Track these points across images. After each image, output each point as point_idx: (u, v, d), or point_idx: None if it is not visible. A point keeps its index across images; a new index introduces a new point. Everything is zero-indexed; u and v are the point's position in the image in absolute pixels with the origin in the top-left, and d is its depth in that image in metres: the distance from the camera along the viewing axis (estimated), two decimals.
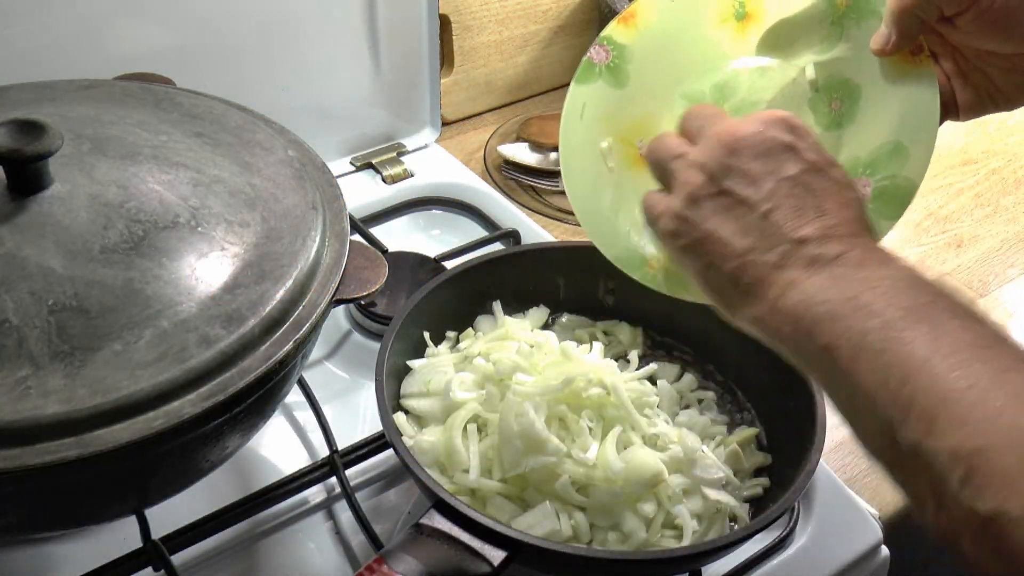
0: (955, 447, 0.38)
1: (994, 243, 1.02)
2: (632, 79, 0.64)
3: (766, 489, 0.67)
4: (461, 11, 1.08)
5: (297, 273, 0.56)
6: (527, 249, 0.79)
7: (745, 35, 0.63)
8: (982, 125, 1.22)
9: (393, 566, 0.52)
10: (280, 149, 0.65)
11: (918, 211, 1.05)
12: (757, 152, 0.50)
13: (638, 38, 0.64)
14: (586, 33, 1.21)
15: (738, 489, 0.66)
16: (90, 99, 0.65)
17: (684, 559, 0.58)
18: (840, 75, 0.60)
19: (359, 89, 0.98)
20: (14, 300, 0.49)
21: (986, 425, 0.38)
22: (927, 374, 0.41)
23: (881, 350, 0.42)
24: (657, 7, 0.63)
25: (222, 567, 0.65)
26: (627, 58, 0.64)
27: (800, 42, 0.62)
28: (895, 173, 0.58)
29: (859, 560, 0.68)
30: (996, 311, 0.93)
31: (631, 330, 0.78)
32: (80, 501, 0.53)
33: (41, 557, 0.64)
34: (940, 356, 0.41)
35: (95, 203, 0.54)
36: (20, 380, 0.47)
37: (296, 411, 0.75)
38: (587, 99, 0.64)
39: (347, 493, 0.67)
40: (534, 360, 0.68)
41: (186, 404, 0.49)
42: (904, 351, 0.42)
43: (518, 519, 0.60)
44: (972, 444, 0.38)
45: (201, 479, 0.58)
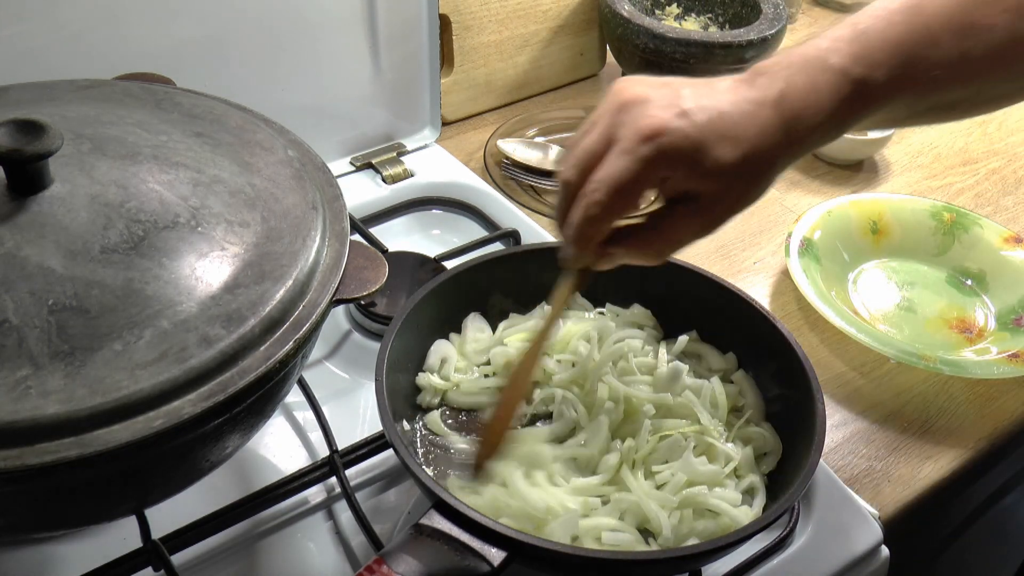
0: None
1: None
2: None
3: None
4: (461, 11, 1.08)
5: (297, 273, 0.56)
6: (527, 249, 0.78)
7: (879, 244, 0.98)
8: (982, 125, 1.22)
9: (393, 566, 0.52)
10: (280, 149, 0.65)
11: None
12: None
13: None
14: (586, 33, 1.21)
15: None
16: (90, 99, 0.65)
17: (684, 559, 0.58)
18: (962, 264, 0.96)
19: (359, 89, 0.98)
20: (14, 300, 0.49)
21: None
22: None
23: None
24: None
25: (222, 567, 0.65)
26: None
27: (920, 248, 0.97)
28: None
29: (859, 560, 0.68)
30: None
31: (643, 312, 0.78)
32: (80, 501, 0.53)
33: (41, 557, 0.64)
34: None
35: (95, 203, 0.54)
36: (20, 380, 0.47)
37: (296, 411, 0.75)
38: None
39: (347, 493, 0.67)
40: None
41: (186, 404, 0.49)
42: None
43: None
44: None
45: (201, 479, 0.58)
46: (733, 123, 0.55)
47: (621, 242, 0.60)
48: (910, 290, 0.94)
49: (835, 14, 1.46)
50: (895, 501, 0.74)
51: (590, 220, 0.57)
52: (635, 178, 0.55)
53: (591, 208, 0.57)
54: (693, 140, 0.55)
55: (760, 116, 0.56)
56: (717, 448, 0.66)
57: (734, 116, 0.55)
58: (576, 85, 1.24)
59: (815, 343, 0.88)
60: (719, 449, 0.66)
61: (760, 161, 0.56)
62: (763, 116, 0.56)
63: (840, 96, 0.56)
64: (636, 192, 0.57)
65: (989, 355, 0.86)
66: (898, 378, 0.85)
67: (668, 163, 0.55)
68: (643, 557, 0.59)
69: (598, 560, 0.56)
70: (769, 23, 1.12)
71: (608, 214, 0.57)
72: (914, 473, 0.76)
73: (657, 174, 0.56)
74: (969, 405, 0.83)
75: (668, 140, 0.55)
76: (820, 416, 0.64)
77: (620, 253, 0.60)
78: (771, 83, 0.56)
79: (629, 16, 1.11)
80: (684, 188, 0.57)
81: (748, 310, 0.73)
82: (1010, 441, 0.81)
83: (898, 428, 0.80)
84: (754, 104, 0.56)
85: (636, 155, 0.55)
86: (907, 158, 1.15)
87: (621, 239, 0.60)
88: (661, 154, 0.55)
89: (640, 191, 0.57)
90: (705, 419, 0.68)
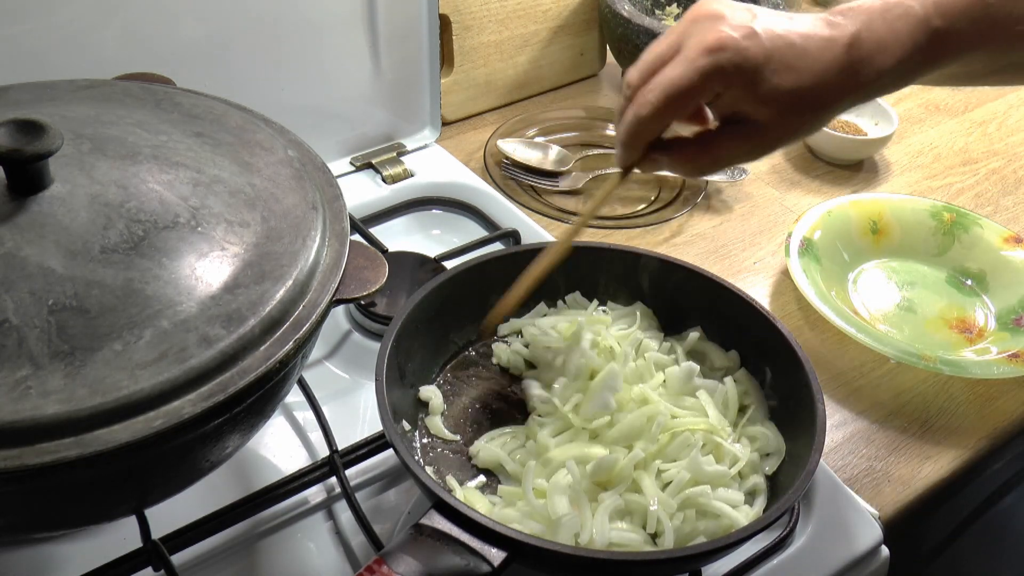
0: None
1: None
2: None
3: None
4: (461, 11, 1.08)
5: (297, 273, 0.56)
6: (527, 249, 0.78)
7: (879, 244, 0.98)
8: (982, 125, 1.22)
9: (393, 566, 0.52)
10: (280, 149, 0.65)
11: None
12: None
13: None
14: (586, 33, 1.21)
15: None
16: (90, 99, 0.65)
17: (684, 559, 0.58)
18: (962, 264, 0.95)
19: (359, 89, 0.98)
20: (14, 300, 0.49)
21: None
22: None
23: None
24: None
25: (222, 567, 0.65)
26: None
27: (920, 248, 0.97)
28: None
29: (859, 560, 0.68)
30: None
31: (645, 311, 0.78)
32: (80, 501, 0.53)
33: (41, 557, 0.64)
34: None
35: (95, 203, 0.54)
36: (20, 380, 0.47)
37: (296, 411, 0.75)
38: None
39: (347, 493, 0.67)
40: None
41: (186, 404, 0.49)
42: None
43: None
44: None
45: (201, 479, 0.58)
46: (799, 54, 0.56)
47: (667, 150, 0.62)
48: (910, 290, 0.94)
49: None
50: (895, 501, 0.74)
51: (639, 119, 0.59)
52: (689, 86, 0.57)
53: (642, 107, 0.59)
54: (754, 62, 0.56)
55: (829, 53, 0.56)
56: (724, 448, 0.66)
57: (803, 48, 0.56)
58: (576, 85, 1.24)
59: (815, 343, 0.88)
60: (726, 449, 0.66)
61: (819, 97, 0.57)
62: (832, 54, 0.56)
63: (916, 43, 0.56)
64: (687, 100, 0.58)
65: (989, 355, 0.86)
66: (898, 378, 0.85)
67: (724, 79, 0.57)
68: (643, 557, 0.59)
69: (598, 560, 0.56)
70: None
71: (656, 116, 0.59)
72: (914, 473, 0.76)
73: (712, 87, 0.57)
74: (969, 405, 0.83)
75: (728, 57, 0.56)
76: (820, 416, 0.64)
77: (664, 161, 0.63)
78: (847, 23, 0.57)
79: (629, 16, 1.11)
80: (737, 109, 0.59)
81: (748, 310, 0.73)
82: (1010, 441, 0.81)
83: (898, 428, 0.80)
84: (826, 41, 0.57)
85: (694, 65, 0.57)
86: (907, 158, 1.15)
87: (667, 147, 0.62)
88: (719, 69, 0.56)
89: (691, 100, 0.58)
90: (715, 418, 0.68)
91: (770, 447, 0.68)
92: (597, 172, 1.05)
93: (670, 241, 0.99)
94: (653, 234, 0.99)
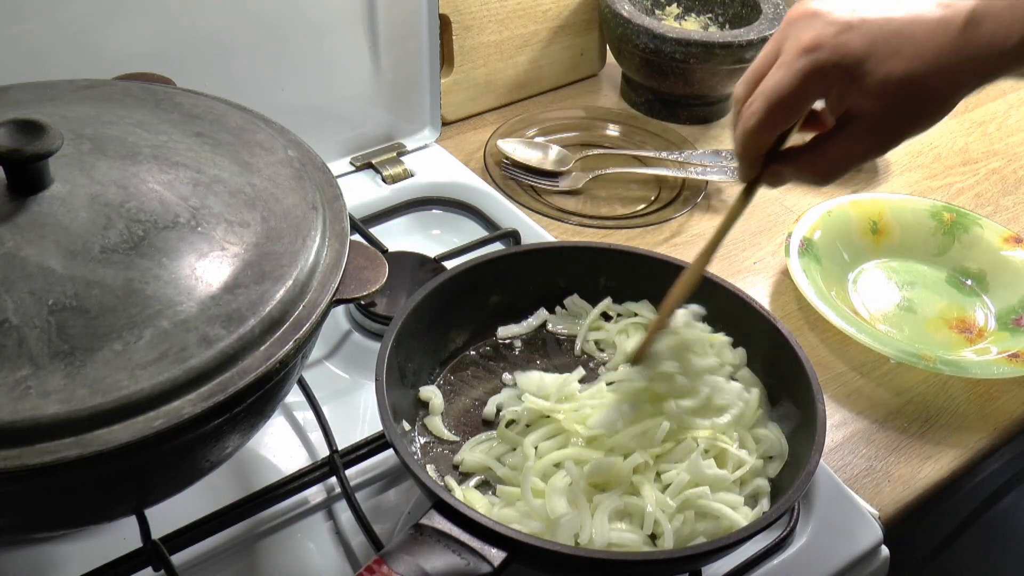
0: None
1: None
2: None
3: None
4: (461, 11, 1.08)
5: (297, 273, 0.56)
6: (527, 249, 0.78)
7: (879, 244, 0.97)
8: (982, 125, 1.22)
9: (393, 566, 0.52)
10: (280, 149, 0.65)
11: None
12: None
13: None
14: (586, 33, 1.21)
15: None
16: (90, 99, 0.65)
17: (684, 559, 0.58)
18: (962, 264, 0.96)
19: (359, 89, 0.98)
20: (14, 300, 0.49)
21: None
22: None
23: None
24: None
25: (222, 567, 0.65)
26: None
27: (920, 248, 0.97)
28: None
29: (859, 560, 0.68)
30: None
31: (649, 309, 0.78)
32: (80, 501, 0.53)
33: (41, 557, 0.64)
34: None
35: (95, 203, 0.54)
36: (20, 380, 0.47)
37: (296, 411, 0.75)
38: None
39: (347, 493, 0.66)
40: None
41: (186, 404, 0.49)
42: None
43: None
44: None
45: (201, 479, 0.58)
46: (908, 39, 0.53)
47: (786, 161, 0.60)
48: (910, 290, 0.94)
49: None
50: (895, 501, 0.74)
51: (748, 132, 0.58)
52: (791, 91, 0.55)
53: (749, 119, 0.57)
54: (855, 55, 0.54)
55: (942, 34, 0.53)
56: (729, 452, 0.66)
57: (910, 33, 0.53)
58: (576, 85, 1.24)
59: (815, 343, 0.88)
60: (731, 453, 0.66)
61: (934, 82, 0.54)
62: (946, 34, 0.53)
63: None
64: (793, 105, 0.56)
65: (989, 355, 0.86)
66: (898, 378, 0.85)
67: (824, 78, 0.55)
68: (643, 557, 0.59)
69: (598, 560, 0.56)
70: (769, 23, 1.12)
71: (763, 126, 0.57)
72: (914, 473, 0.76)
73: (814, 89, 0.55)
74: (969, 405, 0.83)
75: (825, 54, 0.54)
76: (820, 416, 0.64)
77: (787, 172, 0.61)
78: (962, 3, 0.53)
79: (629, 16, 1.11)
80: (848, 106, 0.56)
81: (748, 310, 0.73)
82: (1010, 441, 0.81)
83: (898, 428, 0.80)
84: (937, 23, 0.53)
85: (792, 68, 0.55)
86: (907, 158, 1.15)
87: (786, 158, 0.60)
88: (817, 68, 0.54)
89: (797, 105, 0.56)
90: (727, 422, 0.67)
91: (773, 450, 0.68)
92: (597, 172, 1.05)
93: (670, 241, 0.99)
94: (653, 234, 0.99)
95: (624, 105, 1.21)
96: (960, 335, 0.89)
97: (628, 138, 1.13)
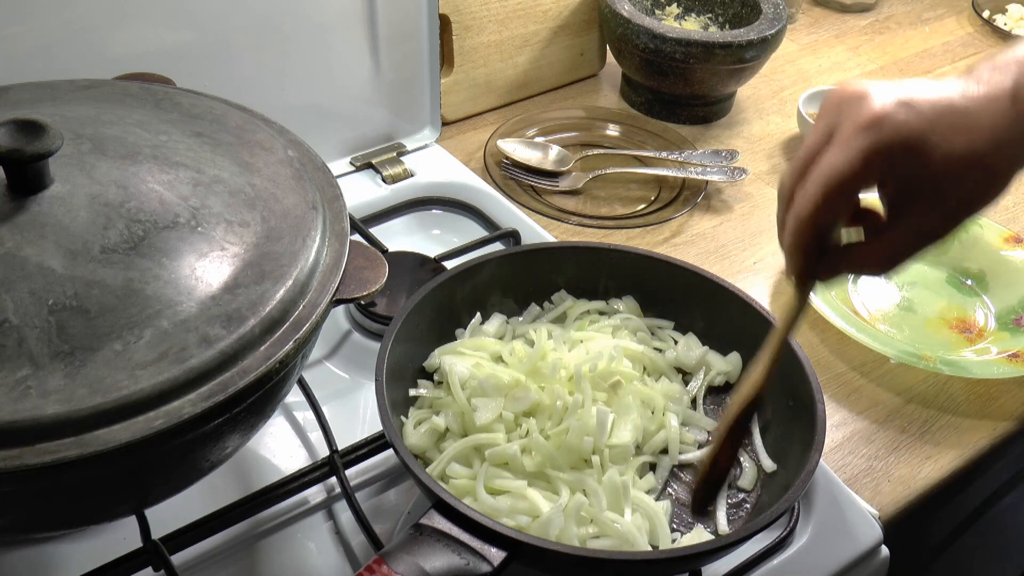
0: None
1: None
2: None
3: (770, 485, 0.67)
4: (461, 11, 1.08)
5: (297, 273, 0.56)
6: (527, 249, 0.78)
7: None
8: None
9: (393, 566, 0.52)
10: (280, 149, 0.65)
11: None
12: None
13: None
14: (586, 33, 1.21)
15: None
16: (90, 99, 0.65)
17: (684, 559, 0.58)
18: (962, 264, 0.96)
19: (359, 89, 0.98)
20: (14, 300, 0.49)
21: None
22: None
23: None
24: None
25: (222, 567, 0.65)
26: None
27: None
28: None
29: (859, 560, 0.68)
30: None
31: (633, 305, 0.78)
32: (80, 501, 0.53)
33: (41, 557, 0.64)
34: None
35: (95, 203, 0.54)
36: (20, 380, 0.47)
37: (296, 411, 0.75)
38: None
39: (347, 493, 0.67)
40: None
41: (186, 404, 0.49)
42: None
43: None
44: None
45: (201, 479, 0.58)
46: (964, 114, 0.51)
47: (847, 257, 0.56)
48: (910, 290, 0.94)
49: (835, 14, 1.46)
50: (895, 501, 0.74)
51: (801, 220, 0.53)
52: (852, 171, 0.51)
53: (803, 206, 0.53)
54: (918, 130, 0.51)
55: (994, 108, 0.52)
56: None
57: (965, 108, 0.52)
58: (576, 85, 1.24)
59: (815, 343, 0.88)
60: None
61: (997, 154, 0.52)
62: (998, 108, 0.52)
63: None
64: (852, 187, 0.52)
65: (989, 355, 0.86)
66: (898, 378, 0.85)
67: (888, 156, 0.51)
68: (643, 557, 0.59)
69: (598, 560, 0.56)
70: (769, 23, 1.12)
71: (821, 211, 0.52)
72: (914, 473, 0.76)
73: (876, 169, 0.51)
74: (969, 405, 0.83)
75: (890, 129, 0.51)
76: (820, 416, 0.64)
77: (844, 265, 0.56)
78: (1002, 77, 0.52)
79: (629, 16, 1.11)
80: (910, 187, 0.53)
81: (748, 310, 0.73)
82: (1010, 441, 0.81)
83: (898, 428, 0.80)
84: (987, 98, 0.52)
85: (853, 146, 0.51)
86: None
87: (846, 253, 0.56)
88: (882, 145, 0.51)
89: (856, 187, 0.52)
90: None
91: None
92: (597, 172, 1.05)
93: (670, 241, 0.99)
94: (653, 234, 0.99)
95: (624, 105, 1.21)
96: (960, 335, 0.89)
97: (628, 138, 1.13)
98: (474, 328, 0.74)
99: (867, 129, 0.51)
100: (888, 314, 0.91)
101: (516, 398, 0.67)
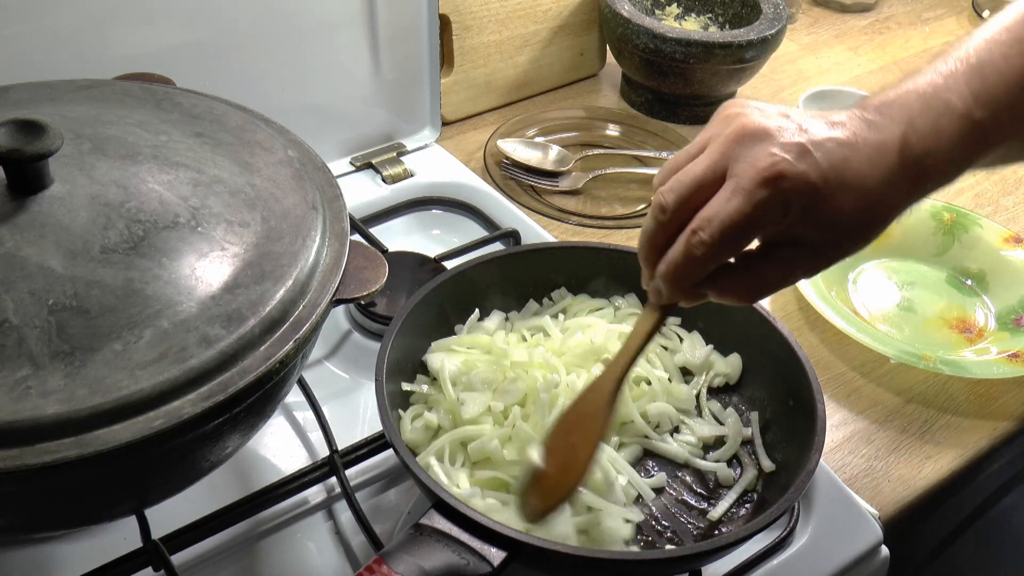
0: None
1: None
2: None
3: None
4: (461, 11, 1.08)
5: (297, 273, 0.56)
6: (527, 249, 0.78)
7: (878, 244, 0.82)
8: None
9: (393, 566, 0.52)
10: (280, 149, 0.65)
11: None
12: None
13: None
14: (586, 33, 1.21)
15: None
16: (90, 99, 0.65)
17: (684, 559, 0.58)
18: (962, 264, 0.96)
19: (359, 89, 0.98)
20: (14, 300, 0.49)
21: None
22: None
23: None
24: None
25: (222, 567, 0.65)
26: None
27: (920, 248, 0.97)
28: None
29: (859, 560, 0.68)
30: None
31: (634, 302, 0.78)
32: (80, 501, 0.53)
33: (41, 557, 0.64)
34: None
35: (95, 203, 0.54)
36: (20, 380, 0.47)
37: (296, 411, 0.75)
38: None
39: (347, 493, 0.67)
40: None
41: (186, 404, 0.49)
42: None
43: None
44: None
45: (201, 479, 0.58)
46: (856, 170, 0.52)
47: (715, 284, 0.56)
48: (910, 290, 0.94)
49: (835, 14, 1.47)
50: (895, 501, 0.74)
51: (692, 260, 0.54)
52: (748, 222, 0.52)
53: (696, 248, 0.53)
54: (814, 187, 0.52)
55: (883, 163, 0.53)
56: None
57: (858, 162, 0.52)
58: (576, 85, 1.24)
59: (815, 343, 0.88)
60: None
61: (881, 210, 0.54)
62: (887, 163, 0.53)
63: (964, 140, 0.53)
64: (746, 236, 0.53)
65: (989, 355, 0.86)
66: (898, 378, 0.85)
67: (783, 209, 0.52)
68: (643, 557, 0.59)
69: (598, 560, 0.56)
70: (769, 23, 1.12)
71: (713, 256, 0.53)
72: (914, 473, 0.76)
73: (771, 219, 0.52)
74: (969, 405, 0.83)
75: (789, 185, 0.51)
76: (820, 416, 0.64)
77: (712, 293, 0.57)
78: (892, 125, 0.54)
79: (629, 16, 1.11)
80: (794, 232, 0.54)
81: (748, 310, 0.73)
82: (1010, 441, 0.81)
83: (898, 428, 0.80)
84: (876, 149, 0.53)
85: (753, 198, 0.52)
86: None
87: (715, 280, 0.56)
88: (782, 199, 0.52)
89: (751, 236, 0.53)
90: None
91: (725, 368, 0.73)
92: (597, 172, 1.05)
93: None
94: None
95: (624, 105, 1.21)
96: (960, 335, 0.89)
97: (628, 138, 1.13)
98: (472, 324, 0.74)
99: (769, 181, 0.51)
100: (888, 314, 0.91)
101: (506, 390, 0.67)
